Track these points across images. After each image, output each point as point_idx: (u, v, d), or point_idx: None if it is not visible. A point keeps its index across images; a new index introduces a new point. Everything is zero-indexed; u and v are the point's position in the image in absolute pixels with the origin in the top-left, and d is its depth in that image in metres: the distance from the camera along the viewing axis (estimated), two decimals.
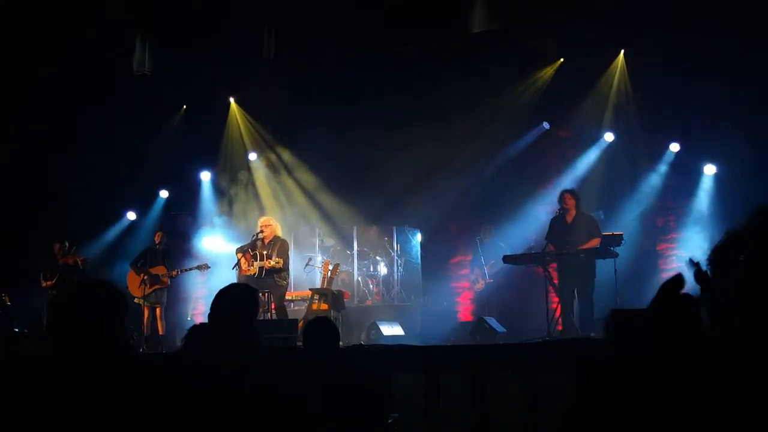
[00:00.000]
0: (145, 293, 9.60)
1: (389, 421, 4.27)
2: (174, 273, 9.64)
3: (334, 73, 10.72)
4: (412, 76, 10.64)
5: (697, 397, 1.75)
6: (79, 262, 10.02)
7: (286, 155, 11.91)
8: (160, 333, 9.72)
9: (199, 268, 9.87)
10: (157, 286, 9.63)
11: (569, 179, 10.04)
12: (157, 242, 9.95)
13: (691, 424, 1.78)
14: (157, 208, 12.42)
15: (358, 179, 10.91)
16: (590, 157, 10.53)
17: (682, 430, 1.76)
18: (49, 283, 9.92)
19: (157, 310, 9.77)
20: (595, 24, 9.42)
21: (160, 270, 9.70)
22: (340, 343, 7.58)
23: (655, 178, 10.26)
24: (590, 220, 8.28)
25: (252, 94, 11.77)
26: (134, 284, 9.72)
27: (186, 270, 9.80)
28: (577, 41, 9.88)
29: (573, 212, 8.24)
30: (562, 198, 8.27)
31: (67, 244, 10.28)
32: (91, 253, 10.78)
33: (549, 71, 10.72)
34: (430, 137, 10.73)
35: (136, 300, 9.67)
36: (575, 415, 2.00)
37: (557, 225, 8.23)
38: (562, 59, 10.61)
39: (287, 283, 9.05)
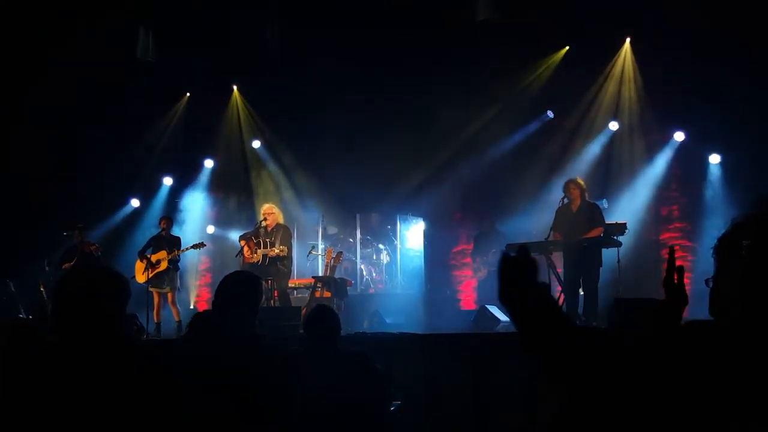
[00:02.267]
0: (148, 278, 9.63)
1: (391, 408, 4.29)
2: (171, 255, 9.63)
3: (338, 60, 10.68)
4: (416, 64, 10.60)
5: (699, 387, 1.74)
6: (93, 250, 10.05)
7: (289, 143, 11.90)
8: (176, 319, 9.71)
9: (195, 247, 9.81)
10: (157, 270, 9.65)
11: (573, 168, 10.01)
12: (162, 228, 9.95)
13: (694, 411, 1.78)
14: (161, 196, 12.44)
15: (362, 167, 10.90)
16: (594, 145, 10.50)
17: (687, 419, 1.76)
18: (67, 265, 9.94)
19: (169, 295, 9.77)
20: (601, 11, 9.37)
21: (161, 255, 9.71)
22: (342, 330, 7.62)
23: (659, 167, 10.23)
24: (595, 209, 8.25)
25: (256, 81, 11.75)
26: (139, 272, 9.76)
27: (183, 251, 9.75)
28: (583, 29, 9.83)
29: (578, 201, 8.22)
30: (566, 187, 8.24)
31: (86, 232, 10.32)
32: (96, 240, 10.79)
33: (554, 59, 10.68)
34: (433, 126, 10.71)
35: (150, 288, 9.71)
36: (576, 404, 2.00)
37: (562, 214, 8.20)
38: (567, 47, 10.57)
39: (290, 271, 9.06)
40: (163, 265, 9.63)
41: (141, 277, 9.65)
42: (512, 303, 1.78)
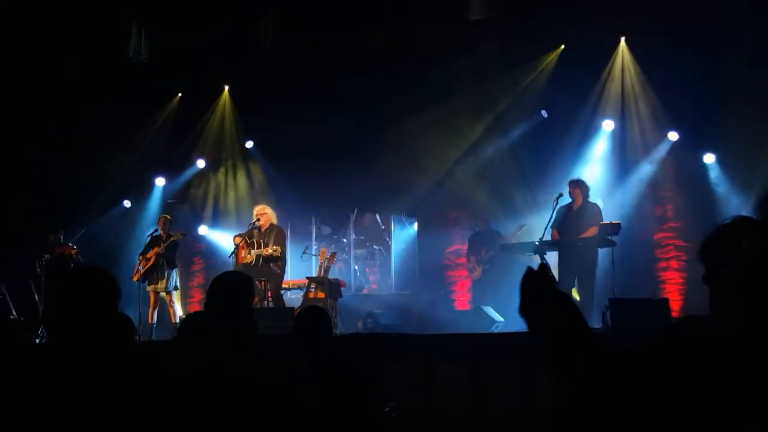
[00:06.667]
0: (141, 275, 9.62)
1: (386, 409, 4.27)
2: (159, 250, 9.61)
3: (332, 60, 10.66)
4: (411, 63, 10.59)
5: (695, 389, 1.72)
6: (72, 254, 9.99)
7: (282, 143, 11.86)
8: (173, 321, 9.67)
9: (176, 237, 9.82)
10: (147, 266, 9.63)
11: (567, 168, 10.00)
12: (161, 228, 9.91)
13: (690, 415, 1.76)
14: (154, 197, 12.38)
15: (355, 167, 10.88)
16: (588, 145, 10.49)
17: (682, 421, 1.74)
18: (47, 256, 9.92)
19: (167, 296, 9.75)
20: (596, 11, 9.38)
21: (152, 252, 9.70)
22: (337, 331, 7.61)
23: (653, 167, 10.23)
24: (595, 209, 8.26)
25: (248, 81, 11.70)
26: (136, 272, 9.78)
27: (166, 244, 9.71)
28: (578, 29, 9.84)
29: (579, 201, 8.25)
30: (569, 186, 8.30)
31: (61, 234, 10.26)
32: (87, 242, 10.73)
33: (549, 59, 10.68)
34: (428, 125, 10.70)
35: (147, 287, 9.68)
36: (573, 404, 1.98)
37: (563, 213, 8.21)
38: (562, 46, 10.57)
39: (283, 272, 9.02)
40: (152, 260, 9.60)
41: (135, 276, 9.67)
42: (533, 315, 1.84)
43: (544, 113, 10.78)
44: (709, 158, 9.91)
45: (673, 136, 10.08)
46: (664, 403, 1.71)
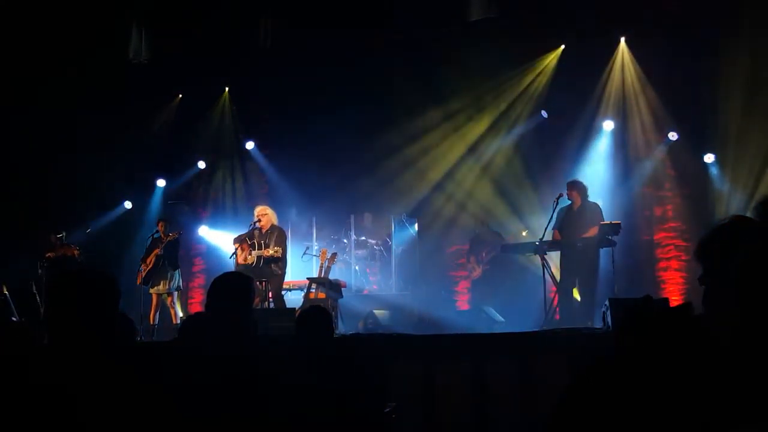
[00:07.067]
0: (142, 278, 9.63)
1: (386, 410, 4.27)
2: (158, 251, 9.62)
3: (331, 62, 10.66)
4: (410, 63, 10.59)
5: (694, 389, 1.72)
6: (75, 254, 10.00)
7: (282, 144, 11.85)
8: (174, 322, 9.66)
9: (172, 236, 9.82)
10: (148, 269, 9.63)
11: (567, 168, 10.01)
12: (161, 232, 9.91)
13: (690, 416, 1.76)
14: (155, 198, 12.37)
15: (356, 168, 10.88)
16: (589, 145, 10.48)
17: (683, 422, 1.74)
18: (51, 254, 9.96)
19: (168, 297, 9.76)
20: (596, 11, 9.38)
21: (152, 254, 9.70)
22: (337, 331, 7.61)
23: (653, 167, 10.23)
24: (595, 209, 8.27)
25: (248, 82, 11.70)
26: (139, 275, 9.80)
27: (164, 244, 9.71)
28: (578, 28, 9.84)
29: (578, 202, 8.27)
30: (567, 188, 8.31)
31: (63, 235, 10.27)
32: (87, 243, 10.72)
33: (549, 59, 10.67)
34: (428, 126, 10.69)
35: (149, 290, 9.69)
36: (572, 406, 1.98)
37: (564, 214, 8.23)
38: (562, 46, 10.56)
39: (284, 273, 9.01)
40: (151, 262, 9.61)
41: (138, 279, 9.68)
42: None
43: (543, 114, 10.78)
44: (709, 158, 9.91)
45: (673, 136, 10.08)
46: (663, 403, 1.71)
